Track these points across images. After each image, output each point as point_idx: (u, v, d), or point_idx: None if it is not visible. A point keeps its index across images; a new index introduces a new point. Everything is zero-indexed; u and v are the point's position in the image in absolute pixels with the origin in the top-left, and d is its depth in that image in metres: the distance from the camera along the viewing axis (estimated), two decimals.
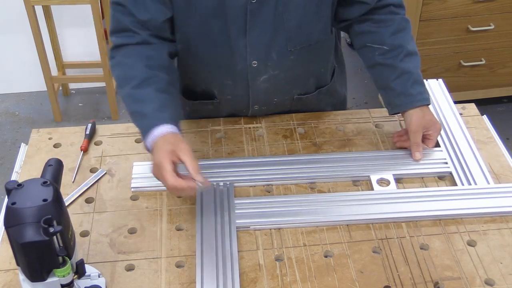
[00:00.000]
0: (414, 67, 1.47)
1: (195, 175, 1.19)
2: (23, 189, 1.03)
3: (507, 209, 1.34)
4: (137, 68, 1.34)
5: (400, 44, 1.46)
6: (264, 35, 1.39)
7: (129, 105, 1.34)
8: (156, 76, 1.34)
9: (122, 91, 1.35)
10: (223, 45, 1.40)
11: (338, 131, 1.59)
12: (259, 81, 1.48)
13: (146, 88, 1.32)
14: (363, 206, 1.35)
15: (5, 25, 3.21)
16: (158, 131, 1.26)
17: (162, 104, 1.30)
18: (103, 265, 1.24)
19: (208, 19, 1.36)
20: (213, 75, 1.49)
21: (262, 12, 1.35)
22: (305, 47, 1.45)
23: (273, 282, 1.20)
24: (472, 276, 1.21)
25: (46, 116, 3.28)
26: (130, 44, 1.37)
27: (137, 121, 1.33)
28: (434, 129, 1.46)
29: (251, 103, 1.55)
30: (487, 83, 3.08)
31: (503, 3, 2.80)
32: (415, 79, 1.46)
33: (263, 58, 1.43)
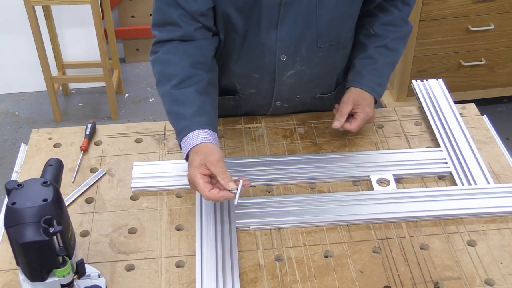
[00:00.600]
0: (383, 60, 1.51)
1: (226, 186, 1.21)
2: (23, 189, 1.03)
3: (507, 209, 1.35)
4: (178, 66, 1.34)
5: (384, 36, 1.51)
6: (295, 30, 1.39)
7: (167, 104, 1.35)
8: (197, 75, 1.34)
9: (161, 89, 1.36)
10: (254, 38, 1.41)
11: (338, 131, 1.58)
12: (286, 76, 1.49)
13: (186, 89, 1.32)
14: (363, 206, 1.35)
15: (5, 25, 3.21)
16: (192, 138, 1.27)
17: (200, 107, 1.31)
18: (103, 265, 1.24)
19: (243, 11, 1.36)
20: (241, 67, 1.49)
21: (296, 6, 1.35)
22: (334, 44, 1.46)
23: (273, 282, 1.20)
24: (472, 276, 1.21)
25: (46, 116, 3.28)
26: (174, 40, 1.37)
27: (174, 122, 1.34)
28: (363, 111, 1.46)
29: (274, 98, 1.55)
30: (487, 83, 3.08)
31: (503, 3, 2.80)
32: (375, 68, 1.50)
33: (292, 52, 1.43)
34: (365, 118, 1.47)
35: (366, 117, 1.47)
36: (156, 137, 1.56)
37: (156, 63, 1.39)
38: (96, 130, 1.59)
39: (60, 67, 3.29)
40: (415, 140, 1.56)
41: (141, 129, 1.59)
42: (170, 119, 1.35)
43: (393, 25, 1.52)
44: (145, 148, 1.53)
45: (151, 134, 1.57)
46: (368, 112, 1.47)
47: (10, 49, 3.30)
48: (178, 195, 1.40)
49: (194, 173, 1.22)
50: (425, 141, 1.56)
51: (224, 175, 1.22)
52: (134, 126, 1.60)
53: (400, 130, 1.59)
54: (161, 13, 1.37)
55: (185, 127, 1.29)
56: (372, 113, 1.49)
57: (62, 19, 3.23)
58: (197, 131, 1.28)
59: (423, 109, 1.64)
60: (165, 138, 1.56)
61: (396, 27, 1.52)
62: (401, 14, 1.52)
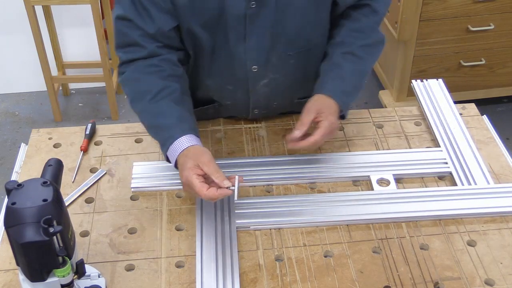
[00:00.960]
0: (349, 67, 1.42)
1: (221, 184, 1.21)
2: (23, 189, 1.02)
3: (507, 209, 1.35)
4: (149, 82, 1.35)
5: (350, 42, 1.44)
6: (263, 40, 1.38)
7: (146, 119, 1.36)
8: (170, 86, 1.34)
9: (137, 106, 1.36)
10: (223, 51, 1.40)
11: (338, 131, 1.58)
12: (259, 85, 1.48)
13: (162, 101, 1.33)
14: (363, 206, 1.35)
15: (5, 25, 3.21)
16: (179, 144, 1.28)
17: (180, 115, 1.32)
18: (103, 265, 1.24)
19: (209, 26, 1.35)
20: (214, 81, 1.48)
21: (261, 17, 1.34)
22: (304, 51, 1.44)
23: (273, 282, 1.20)
24: (472, 276, 1.21)
25: (46, 116, 3.28)
26: (140, 59, 1.37)
27: (157, 134, 1.34)
28: (327, 119, 1.33)
29: (251, 107, 1.54)
30: (487, 83, 3.08)
31: (503, 3, 2.80)
32: (340, 75, 1.42)
33: (263, 63, 1.42)
34: (329, 127, 1.34)
35: (330, 126, 1.34)
36: None
37: (127, 82, 1.39)
38: (96, 130, 1.59)
39: (60, 67, 3.29)
40: (415, 140, 1.56)
41: (141, 129, 1.59)
42: (151, 133, 1.37)
43: (360, 32, 1.45)
44: (145, 148, 1.53)
45: None
46: (332, 120, 1.34)
47: (10, 49, 3.30)
48: (178, 195, 1.40)
49: (190, 174, 1.22)
50: (425, 141, 1.56)
51: (218, 174, 1.22)
52: (134, 126, 1.60)
53: (400, 130, 1.59)
54: (122, 35, 1.37)
55: (170, 137, 1.29)
56: (336, 123, 1.36)
57: (62, 19, 3.23)
58: (183, 138, 1.28)
59: (423, 109, 1.64)
60: None
61: (363, 34, 1.45)
62: (369, 22, 1.45)
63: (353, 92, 1.45)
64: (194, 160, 1.24)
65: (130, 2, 1.33)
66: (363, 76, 1.47)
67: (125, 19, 1.34)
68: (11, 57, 3.33)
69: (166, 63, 1.37)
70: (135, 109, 1.37)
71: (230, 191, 1.21)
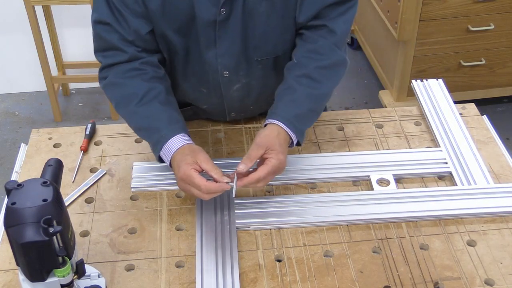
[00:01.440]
0: (303, 91, 1.35)
1: (220, 179, 1.23)
2: (23, 189, 1.02)
3: (507, 209, 1.35)
4: (134, 85, 1.35)
5: (306, 64, 1.37)
6: (233, 46, 1.38)
7: (135, 122, 1.36)
8: (155, 88, 1.35)
9: (124, 110, 1.36)
10: (195, 56, 1.40)
11: (338, 131, 1.59)
12: (232, 90, 1.47)
13: (150, 103, 1.33)
14: (363, 206, 1.35)
15: (5, 25, 3.20)
16: (173, 143, 1.29)
17: (170, 116, 1.33)
18: (103, 265, 1.24)
19: (180, 31, 1.36)
20: (188, 83, 1.48)
21: (230, 23, 1.34)
22: (271, 58, 1.43)
23: (273, 282, 1.20)
24: (472, 276, 1.21)
25: (46, 116, 3.28)
26: (121, 63, 1.36)
27: (147, 136, 1.35)
28: (276, 157, 1.26)
29: (227, 111, 1.55)
30: (487, 83, 3.08)
31: (503, 3, 2.80)
32: (294, 99, 1.34)
33: (233, 68, 1.42)
34: (277, 166, 1.26)
35: (277, 165, 1.26)
36: None
37: (110, 87, 1.38)
38: (96, 130, 1.59)
39: (60, 67, 3.29)
40: (415, 140, 1.56)
41: None
42: (141, 135, 1.38)
43: (317, 53, 1.37)
44: (145, 148, 1.53)
45: None
46: (281, 159, 1.26)
47: (10, 49, 3.30)
48: (178, 195, 1.40)
49: (188, 168, 1.23)
50: (425, 141, 1.56)
51: (216, 170, 1.24)
52: None
53: (400, 130, 1.59)
54: (101, 40, 1.37)
55: (162, 137, 1.30)
56: (284, 162, 1.28)
57: (62, 19, 3.23)
58: (176, 137, 1.29)
59: (423, 109, 1.64)
60: None
61: (320, 55, 1.37)
62: (327, 42, 1.37)
63: (309, 116, 1.38)
64: (192, 157, 1.25)
65: (106, 6, 1.33)
66: (320, 100, 1.39)
67: (102, 23, 1.35)
68: (11, 57, 3.32)
69: (148, 66, 1.37)
70: (122, 113, 1.37)
71: (228, 185, 1.22)
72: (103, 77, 1.39)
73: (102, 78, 1.40)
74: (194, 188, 1.23)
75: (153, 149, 1.34)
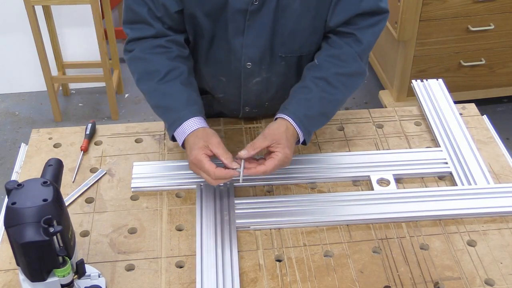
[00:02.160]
0: (318, 93, 1.37)
1: (230, 165, 1.26)
2: (23, 189, 1.03)
3: (507, 209, 1.35)
4: (158, 62, 1.37)
5: (326, 68, 1.39)
6: (260, 38, 1.38)
7: (154, 99, 1.38)
8: (178, 67, 1.38)
9: (145, 85, 1.39)
10: (221, 42, 1.41)
11: (338, 131, 1.59)
12: (252, 83, 1.48)
13: (171, 82, 1.36)
14: (363, 206, 1.35)
15: (5, 25, 3.21)
16: (188, 125, 1.32)
17: (189, 97, 1.36)
18: (103, 265, 1.24)
19: (210, 15, 1.36)
20: (209, 69, 1.49)
21: (261, 15, 1.35)
22: (296, 56, 1.44)
23: (273, 282, 1.20)
24: (472, 276, 1.21)
25: (46, 116, 3.28)
26: (148, 37, 1.38)
27: (165, 115, 1.37)
28: (283, 151, 1.28)
29: (242, 103, 1.55)
30: (487, 83, 3.08)
31: (503, 3, 2.80)
32: (307, 99, 1.37)
33: (257, 60, 1.42)
34: (283, 160, 1.28)
35: (283, 159, 1.28)
36: (156, 137, 1.56)
37: (134, 61, 1.40)
38: (96, 130, 1.59)
39: (60, 67, 3.29)
40: (415, 140, 1.56)
41: (141, 129, 1.59)
42: (159, 112, 1.39)
43: (339, 59, 1.39)
44: (145, 148, 1.53)
45: (151, 134, 1.57)
46: (287, 154, 1.29)
47: (10, 49, 3.30)
48: (178, 195, 1.40)
49: (200, 153, 1.26)
50: (425, 141, 1.56)
51: (227, 155, 1.27)
52: (134, 126, 1.61)
53: (400, 130, 1.59)
54: (131, 11, 1.38)
55: (178, 118, 1.33)
56: (290, 157, 1.30)
57: (62, 19, 3.23)
58: (192, 119, 1.33)
59: (423, 109, 1.64)
60: (165, 138, 1.56)
61: (342, 62, 1.38)
62: (351, 51, 1.38)
63: (318, 119, 1.39)
64: (204, 141, 1.28)
65: None
66: (332, 105, 1.41)
67: None
68: (11, 57, 3.33)
69: (174, 44, 1.39)
70: (142, 88, 1.40)
71: (237, 172, 1.26)
72: (129, 50, 1.41)
73: (127, 51, 1.42)
74: (203, 173, 1.27)
75: (168, 128, 1.36)
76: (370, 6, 1.36)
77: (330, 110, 1.42)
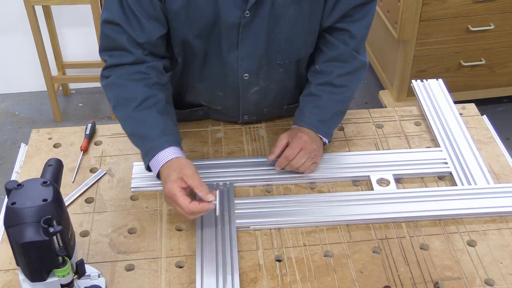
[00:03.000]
0: (328, 97, 1.44)
1: (205, 197, 1.22)
2: (23, 189, 1.02)
3: (507, 209, 1.35)
4: (135, 89, 1.33)
5: (329, 72, 1.44)
6: (256, 49, 1.38)
7: (130, 127, 1.35)
8: (156, 95, 1.34)
9: (121, 112, 1.35)
10: (215, 59, 1.40)
11: (338, 131, 1.59)
12: (250, 92, 1.48)
13: (147, 110, 1.32)
14: (363, 206, 1.35)
15: (5, 25, 3.20)
16: (163, 156, 1.28)
17: (165, 127, 1.32)
18: (103, 265, 1.24)
19: (201, 35, 1.35)
20: (204, 86, 1.48)
21: (254, 26, 1.34)
22: (294, 61, 1.44)
23: (273, 282, 1.20)
24: (472, 276, 1.21)
25: (46, 116, 3.28)
26: (126, 64, 1.35)
27: (140, 143, 1.34)
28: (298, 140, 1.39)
29: (241, 113, 1.54)
30: (487, 83, 3.08)
31: (503, 3, 2.80)
32: (318, 106, 1.44)
33: (254, 70, 1.42)
34: (301, 146, 1.38)
35: (302, 145, 1.38)
36: None
37: (111, 87, 1.36)
38: (96, 130, 1.59)
39: (60, 67, 3.29)
40: (415, 140, 1.56)
41: None
42: (134, 140, 1.36)
43: (339, 61, 1.44)
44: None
45: None
46: (305, 141, 1.38)
47: (10, 49, 3.30)
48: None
49: (173, 186, 1.22)
50: (425, 141, 1.56)
51: (202, 187, 1.23)
52: None
53: (400, 130, 1.59)
54: (108, 39, 1.34)
55: (153, 147, 1.29)
56: (311, 145, 1.39)
57: (62, 19, 3.23)
58: (166, 150, 1.29)
59: (423, 109, 1.64)
60: None
61: (342, 63, 1.44)
62: (348, 48, 1.42)
63: (334, 119, 1.47)
64: (178, 173, 1.24)
65: (119, 7, 1.31)
66: (344, 102, 1.48)
67: (113, 23, 1.32)
68: (11, 57, 3.32)
69: (153, 71, 1.36)
70: (118, 115, 1.36)
71: (212, 205, 1.22)
72: (105, 75, 1.38)
73: (104, 77, 1.38)
74: (178, 207, 1.23)
75: (143, 157, 1.33)
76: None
77: (343, 108, 1.49)
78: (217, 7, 1.30)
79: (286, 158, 1.39)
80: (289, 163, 1.39)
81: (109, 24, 1.33)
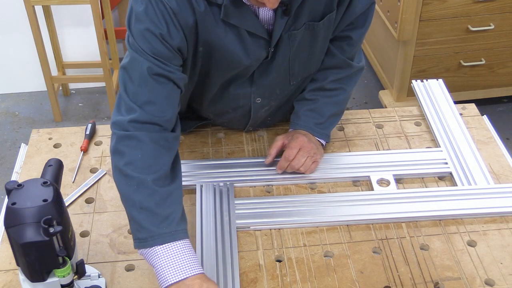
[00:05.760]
0: (322, 100, 1.46)
1: None
2: (23, 189, 1.03)
3: (507, 209, 1.35)
4: (162, 160, 1.19)
5: (322, 79, 1.46)
6: (272, 79, 1.38)
7: (146, 199, 1.15)
8: (177, 178, 1.22)
9: (136, 176, 1.17)
10: (230, 87, 1.39)
11: (338, 131, 1.59)
12: (261, 112, 1.48)
13: (168, 188, 1.18)
14: (363, 206, 1.35)
15: (5, 25, 3.20)
16: (178, 254, 1.12)
17: (183, 213, 1.18)
18: (103, 265, 1.24)
19: (226, 69, 1.33)
20: (214, 107, 1.47)
21: (273, 60, 1.34)
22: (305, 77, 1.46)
23: (273, 282, 1.20)
24: (472, 277, 1.21)
25: (46, 116, 3.28)
26: (158, 125, 1.21)
27: (148, 220, 1.14)
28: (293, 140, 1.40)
29: (248, 126, 1.55)
30: (487, 83, 3.08)
31: (503, 3, 2.80)
32: (313, 109, 1.46)
33: (267, 95, 1.43)
34: (299, 145, 1.39)
35: (300, 144, 1.39)
36: None
37: (133, 141, 1.21)
38: (96, 130, 1.59)
39: (60, 67, 3.29)
40: (415, 140, 1.56)
41: None
42: (142, 213, 1.13)
43: (334, 68, 1.45)
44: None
45: None
46: (303, 140, 1.40)
47: (10, 49, 3.30)
48: None
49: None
50: (425, 141, 1.56)
51: None
52: None
53: (400, 130, 1.59)
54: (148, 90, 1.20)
55: (170, 234, 1.12)
56: (309, 144, 1.40)
57: (62, 19, 3.23)
58: (181, 242, 1.12)
59: (423, 109, 1.64)
60: None
61: (337, 70, 1.45)
62: (343, 57, 1.43)
63: (330, 121, 1.48)
64: None
65: None
66: (339, 104, 1.49)
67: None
68: (11, 57, 3.32)
69: (176, 142, 1.25)
70: (129, 175, 1.17)
71: None
72: (127, 129, 1.24)
73: (124, 129, 1.24)
74: None
75: (149, 238, 1.12)
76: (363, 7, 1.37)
77: (339, 109, 1.50)
78: (244, 53, 1.28)
79: (286, 159, 1.39)
80: (290, 164, 1.39)
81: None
